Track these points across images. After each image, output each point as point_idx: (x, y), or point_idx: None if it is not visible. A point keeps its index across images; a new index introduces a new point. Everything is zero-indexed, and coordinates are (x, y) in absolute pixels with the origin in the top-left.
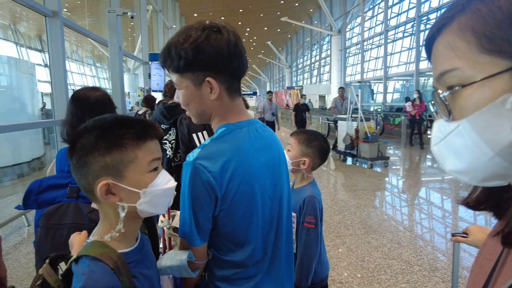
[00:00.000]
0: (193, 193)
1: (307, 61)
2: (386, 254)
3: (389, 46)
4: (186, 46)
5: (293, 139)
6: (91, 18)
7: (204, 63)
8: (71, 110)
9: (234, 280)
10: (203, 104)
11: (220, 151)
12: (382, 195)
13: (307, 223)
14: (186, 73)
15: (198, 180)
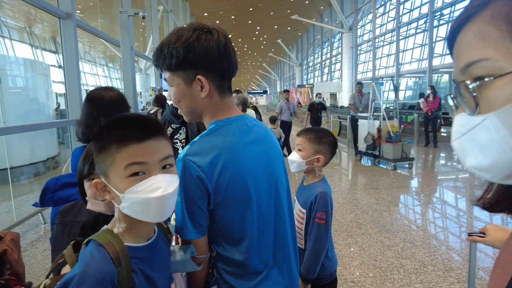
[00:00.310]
0: (185, 188)
1: (317, 59)
2: (399, 254)
3: (401, 43)
4: (178, 45)
5: (302, 139)
6: (103, 19)
7: (195, 62)
8: (86, 110)
9: (242, 274)
10: (193, 101)
11: (209, 147)
12: (394, 194)
13: (318, 219)
14: (178, 71)
15: (189, 175)
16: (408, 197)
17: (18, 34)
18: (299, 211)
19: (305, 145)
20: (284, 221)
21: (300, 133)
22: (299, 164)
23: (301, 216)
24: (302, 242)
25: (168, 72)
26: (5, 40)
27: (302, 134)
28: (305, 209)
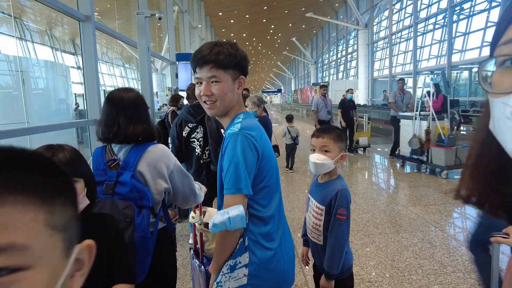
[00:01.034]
0: (244, 154)
1: (333, 56)
2: (417, 254)
3: (419, 39)
4: (235, 52)
5: (326, 140)
6: (120, 21)
7: (242, 66)
8: (106, 110)
9: (269, 234)
10: (234, 95)
11: (253, 126)
12: (411, 193)
13: (339, 215)
14: (229, 70)
15: (247, 144)
16: (428, 197)
17: (40, 37)
18: (317, 208)
19: (331, 145)
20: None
21: (319, 134)
22: (328, 166)
23: (319, 213)
24: (321, 238)
25: (220, 70)
26: (28, 43)
27: (322, 134)
28: (323, 206)
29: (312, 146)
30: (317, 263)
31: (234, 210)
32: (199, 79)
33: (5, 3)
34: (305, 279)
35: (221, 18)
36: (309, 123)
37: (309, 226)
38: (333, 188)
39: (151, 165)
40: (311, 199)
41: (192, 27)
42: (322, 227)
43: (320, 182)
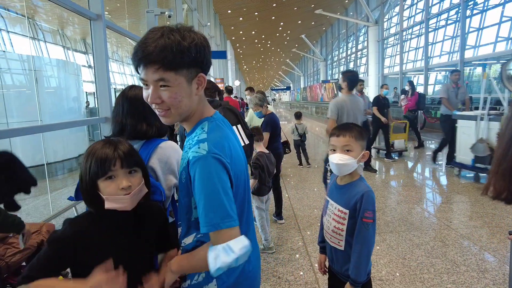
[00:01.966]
0: (221, 181)
1: (342, 53)
2: (429, 253)
3: (430, 35)
4: (188, 45)
5: (348, 138)
6: (130, 19)
7: (199, 61)
8: (118, 107)
9: None
10: (191, 100)
11: (219, 140)
12: (422, 192)
13: (366, 219)
14: (182, 70)
15: (221, 168)
16: (436, 195)
17: (52, 37)
18: (339, 212)
19: (353, 144)
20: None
21: (339, 133)
22: (352, 166)
23: (342, 217)
24: (342, 243)
25: (168, 72)
26: (40, 42)
27: (343, 133)
28: (347, 209)
29: (333, 146)
30: (336, 269)
31: (238, 245)
32: (144, 80)
33: (18, 3)
34: (315, 276)
35: (230, 16)
36: (319, 120)
37: (329, 231)
38: (358, 190)
39: (162, 161)
40: (331, 202)
41: (201, 25)
42: (344, 232)
43: (341, 184)
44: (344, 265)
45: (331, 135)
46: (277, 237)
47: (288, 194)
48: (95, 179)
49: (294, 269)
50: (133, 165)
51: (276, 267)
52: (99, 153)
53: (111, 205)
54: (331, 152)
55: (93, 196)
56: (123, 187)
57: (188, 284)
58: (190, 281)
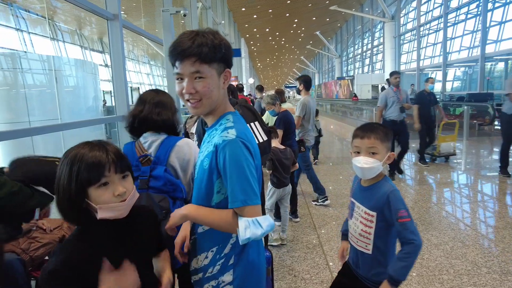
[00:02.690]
0: (248, 163)
1: (358, 50)
2: (448, 253)
3: (449, 30)
4: (219, 42)
5: (373, 140)
6: (146, 18)
7: (227, 57)
8: (137, 105)
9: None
10: (219, 93)
11: (246, 132)
12: (440, 190)
13: (401, 218)
14: (214, 64)
15: (248, 153)
16: (455, 194)
17: (70, 37)
18: (366, 214)
19: (379, 146)
20: None
21: (364, 135)
22: (377, 169)
23: (369, 219)
24: (370, 247)
25: (204, 65)
26: (59, 43)
27: (368, 134)
28: (374, 211)
29: (356, 148)
30: (361, 273)
31: (266, 222)
32: (180, 74)
33: (39, 5)
34: (331, 275)
35: (244, 14)
36: (333, 117)
37: (355, 234)
38: (383, 191)
39: (180, 158)
40: (357, 204)
41: (216, 23)
42: (373, 235)
43: (366, 186)
44: (371, 269)
45: (354, 137)
46: (292, 235)
47: (303, 191)
48: (86, 187)
49: (310, 268)
50: (126, 169)
51: (292, 265)
52: (89, 157)
53: (105, 215)
54: (354, 154)
55: (79, 208)
56: (119, 194)
57: (200, 277)
58: (203, 273)
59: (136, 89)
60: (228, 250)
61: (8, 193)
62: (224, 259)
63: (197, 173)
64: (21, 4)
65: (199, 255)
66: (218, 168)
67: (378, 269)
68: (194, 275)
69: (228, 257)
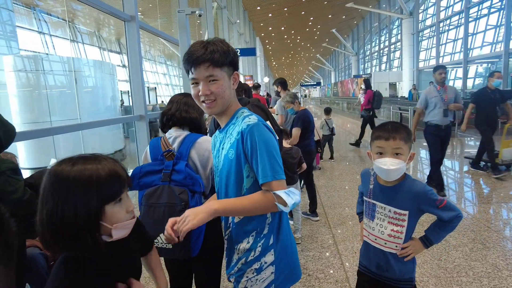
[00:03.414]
0: (273, 142)
1: (375, 47)
2: (467, 255)
3: (471, 26)
4: (228, 49)
5: (398, 141)
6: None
7: (235, 62)
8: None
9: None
10: (230, 92)
11: (261, 118)
12: (460, 191)
13: (441, 204)
14: (224, 67)
15: (271, 133)
16: (476, 194)
17: (89, 38)
18: (396, 214)
19: (404, 147)
20: None
21: (389, 136)
22: (402, 170)
23: (401, 219)
24: (399, 246)
25: (217, 68)
26: (79, 44)
27: (393, 135)
28: (406, 210)
29: (380, 149)
30: (390, 276)
31: (296, 192)
32: (195, 79)
33: (60, 8)
34: (346, 275)
35: (259, 12)
36: (350, 116)
37: (383, 236)
38: (414, 189)
39: (200, 154)
40: (380, 205)
41: (231, 23)
42: (404, 234)
43: (390, 186)
44: (403, 268)
45: (377, 138)
46: (307, 234)
47: (318, 191)
48: (104, 205)
49: (324, 267)
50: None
51: (306, 264)
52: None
53: (118, 235)
54: (377, 156)
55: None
56: (132, 209)
57: (242, 263)
58: (246, 259)
59: (153, 89)
60: (267, 230)
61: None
62: (265, 239)
63: (222, 168)
64: (43, 7)
65: (240, 243)
66: (246, 151)
67: (409, 266)
68: (235, 266)
69: (268, 237)
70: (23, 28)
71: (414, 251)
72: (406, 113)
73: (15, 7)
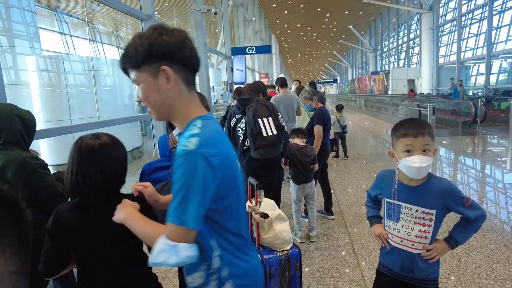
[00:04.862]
0: (203, 181)
1: (393, 43)
2: (489, 256)
3: (495, 19)
4: (142, 42)
5: (427, 137)
6: (178, 18)
7: (158, 54)
8: None
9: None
10: (162, 95)
11: (214, 138)
12: (482, 190)
13: (467, 203)
14: (144, 66)
15: (207, 167)
16: (499, 194)
17: (107, 38)
18: (424, 214)
19: (431, 143)
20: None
21: (417, 133)
22: (430, 167)
23: (428, 218)
24: (426, 246)
25: (135, 71)
26: (98, 44)
27: (422, 131)
28: (433, 209)
29: (408, 146)
30: (416, 276)
31: (187, 252)
32: None
33: (80, 9)
34: (361, 274)
35: (275, 10)
36: (368, 114)
37: (409, 237)
38: (442, 187)
39: None
40: (405, 206)
41: (246, 21)
42: (431, 234)
43: (416, 185)
44: (430, 268)
45: (404, 135)
46: (323, 233)
47: (334, 189)
48: None
49: (339, 266)
50: None
51: (321, 263)
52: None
53: None
54: (404, 154)
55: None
56: None
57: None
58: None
59: None
60: (218, 263)
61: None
62: (218, 274)
63: None
64: (64, 9)
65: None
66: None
67: (435, 266)
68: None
69: (221, 270)
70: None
71: (439, 252)
72: (425, 110)
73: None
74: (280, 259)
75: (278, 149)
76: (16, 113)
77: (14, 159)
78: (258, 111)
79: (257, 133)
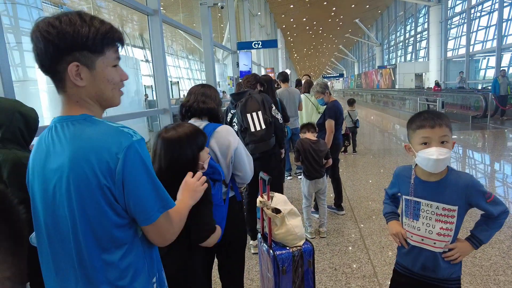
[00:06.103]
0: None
1: (400, 37)
2: (505, 253)
3: (506, 11)
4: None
5: (445, 128)
6: (184, 13)
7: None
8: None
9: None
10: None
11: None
12: (497, 186)
13: (489, 198)
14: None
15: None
16: (510, 189)
17: None
18: (445, 210)
19: (449, 134)
20: None
21: (434, 124)
22: (449, 159)
23: (450, 215)
24: (449, 243)
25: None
26: None
27: (439, 122)
28: (455, 205)
29: (425, 139)
30: (439, 276)
31: None
32: None
33: (85, 6)
34: (374, 270)
35: (280, 4)
36: (375, 108)
37: (430, 236)
38: (462, 182)
39: (220, 143)
40: (425, 203)
41: (252, 15)
42: (453, 231)
43: (435, 181)
44: (452, 267)
45: (420, 127)
46: (333, 228)
47: (343, 184)
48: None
49: (351, 262)
50: None
51: (332, 259)
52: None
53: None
54: (421, 147)
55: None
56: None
57: None
58: None
59: (176, 83)
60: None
61: None
62: None
63: None
64: (70, 5)
65: None
66: None
67: (458, 264)
68: None
69: None
70: None
71: (462, 253)
72: (433, 104)
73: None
74: (293, 255)
75: (268, 144)
76: (18, 110)
77: (9, 159)
78: (247, 106)
79: (245, 129)
